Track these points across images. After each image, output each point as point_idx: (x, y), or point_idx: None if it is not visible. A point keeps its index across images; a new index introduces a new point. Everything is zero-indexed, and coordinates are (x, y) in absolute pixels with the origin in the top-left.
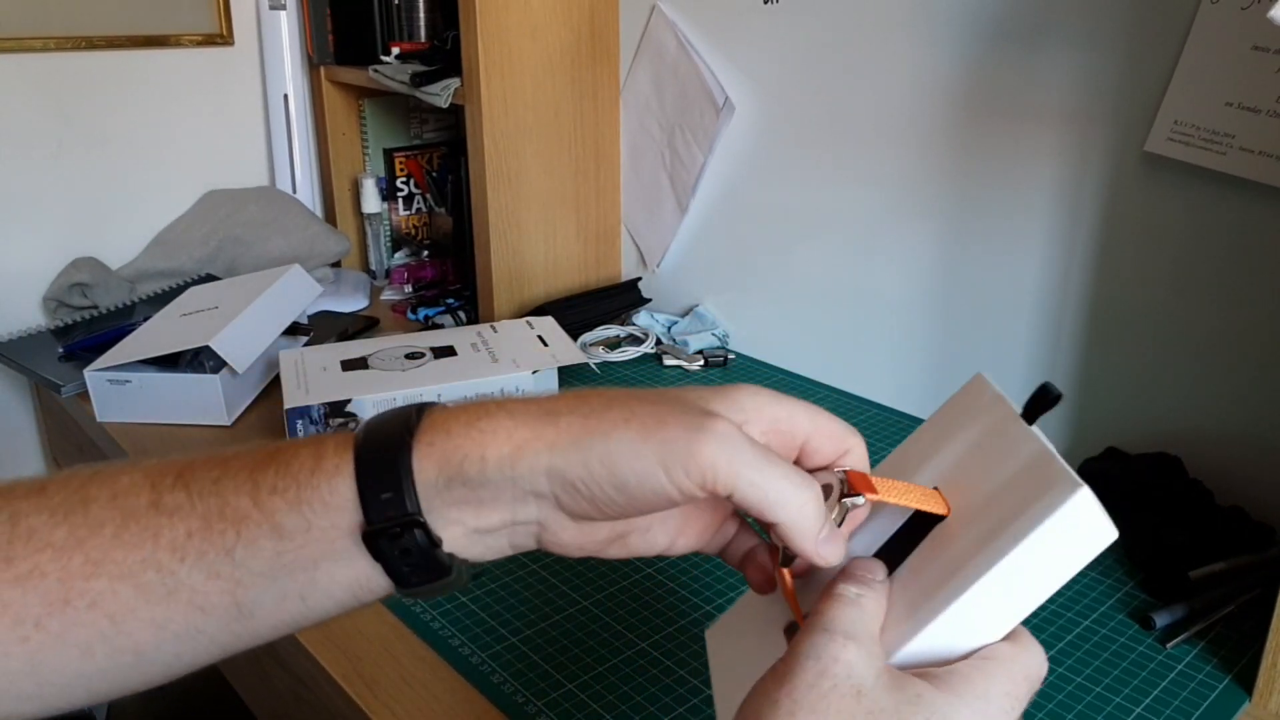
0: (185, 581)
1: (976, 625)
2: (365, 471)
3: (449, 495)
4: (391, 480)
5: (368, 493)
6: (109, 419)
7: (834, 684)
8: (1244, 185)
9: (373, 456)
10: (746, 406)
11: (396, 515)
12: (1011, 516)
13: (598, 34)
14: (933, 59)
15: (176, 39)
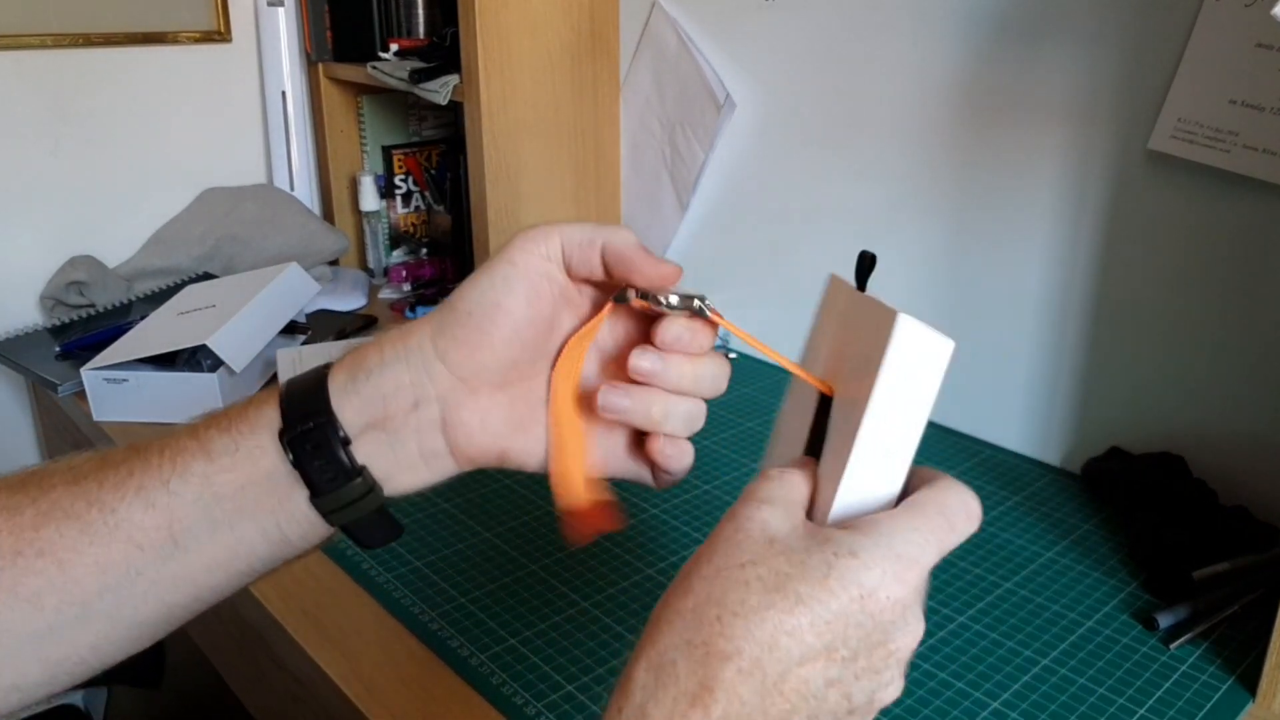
0: (126, 518)
1: (883, 471)
2: (288, 390)
3: (357, 396)
4: (309, 392)
5: (288, 405)
6: (106, 418)
7: (747, 535)
8: (1248, 183)
9: (295, 384)
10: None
11: (310, 415)
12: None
13: (598, 31)
14: (935, 56)
15: (174, 36)
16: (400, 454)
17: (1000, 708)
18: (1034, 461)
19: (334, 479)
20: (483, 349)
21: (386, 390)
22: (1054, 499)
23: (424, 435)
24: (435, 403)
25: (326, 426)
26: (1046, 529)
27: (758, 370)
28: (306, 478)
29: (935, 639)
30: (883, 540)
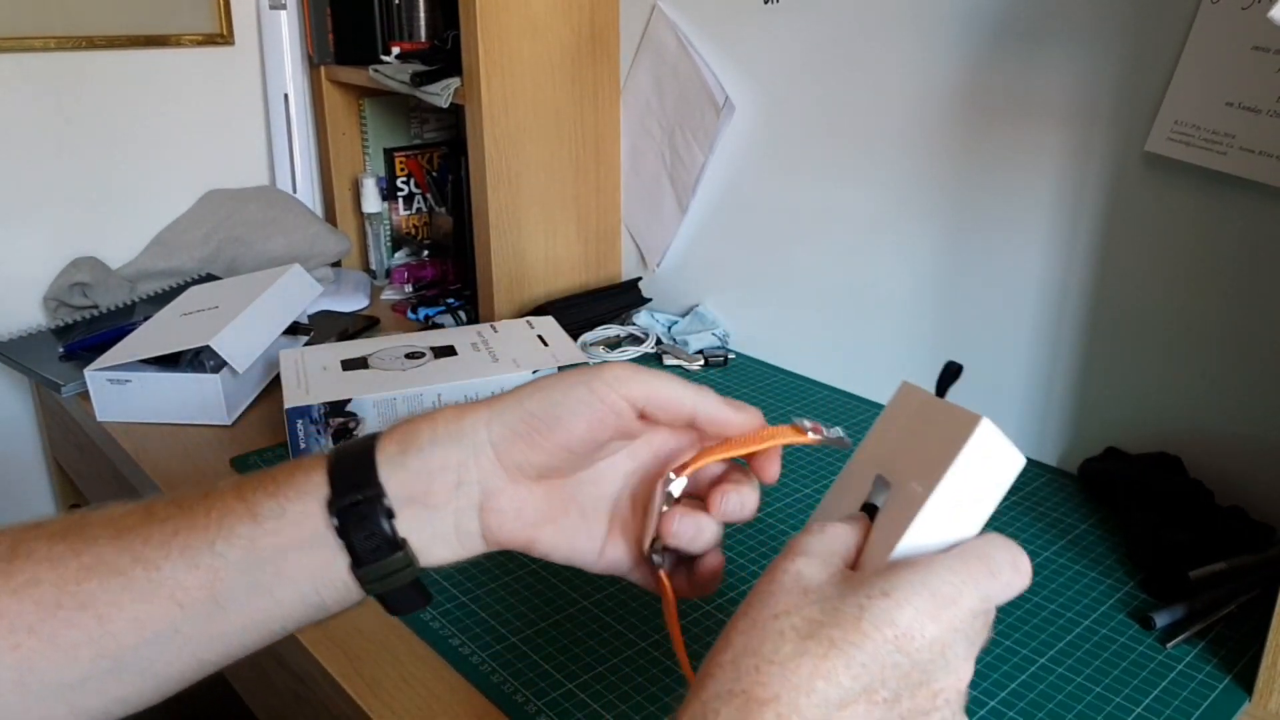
0: (170, 576)
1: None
2: (337, 459)
3: (405, 470)
4: (358, 462)
5: (337, 474)
6: (109, 419)
7: (780, 585)
8: (1245, 185)
9: (345, 450)
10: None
11: (358, 488)
12: (937, 459)
13: (598, 34)
14: (933, 59)
15: (177, 39)
16: (437, 529)
17: (998, 706)
18: (1031, 461)
19: (377, 550)
20: (534, 449)
21: (434, 467)
22: (1051, 499)
23: (462, 515)
24: (477, 486)
25: (375, 499)
26: (1043, 529)
27: (758, 371)
28: (350, 547)
29: None
30: (918, 579)
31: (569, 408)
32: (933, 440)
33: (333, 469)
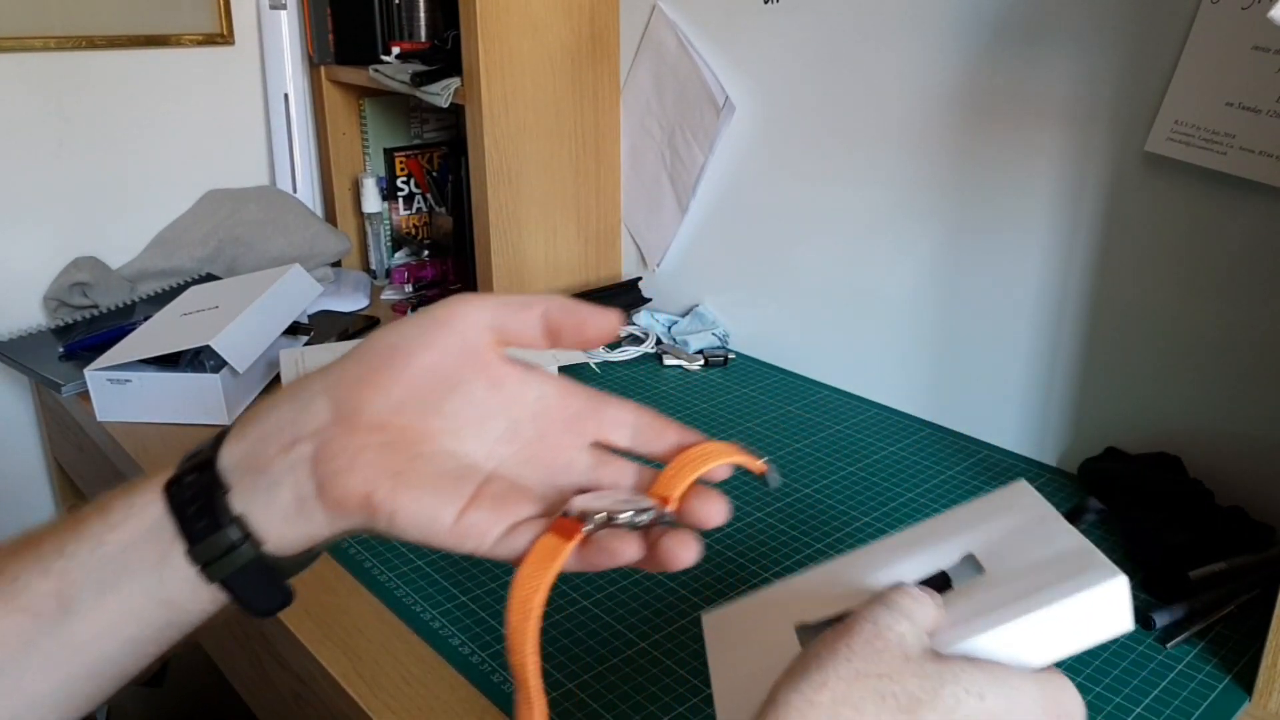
0: (25, 585)
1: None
2: (192, 450)
3: (243, 439)
4: (205, 443)
5: (186, 456)
6: (109, 418)
7: (886, 644)
8: (1244, 185)
9: (193, 448)
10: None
11: (199, 464)
12: (1059, 579)
13: (598, 34)
14: (933, 59)
15: (177, 38)
16: (275, 500)
17: None
18: (1031, 461)
19: (207, 527)
20: (367, 385)
21: (269, 429)
22: (1051, 499)
23: (296, 475)
24: (310, 440)
25: (208, 473)
26: None
27: (758, 371)
28: (181, 527)
29: None
30: (1006, 692)
31: (409, 338)
32: (1051, 559)
33: (187, 454)
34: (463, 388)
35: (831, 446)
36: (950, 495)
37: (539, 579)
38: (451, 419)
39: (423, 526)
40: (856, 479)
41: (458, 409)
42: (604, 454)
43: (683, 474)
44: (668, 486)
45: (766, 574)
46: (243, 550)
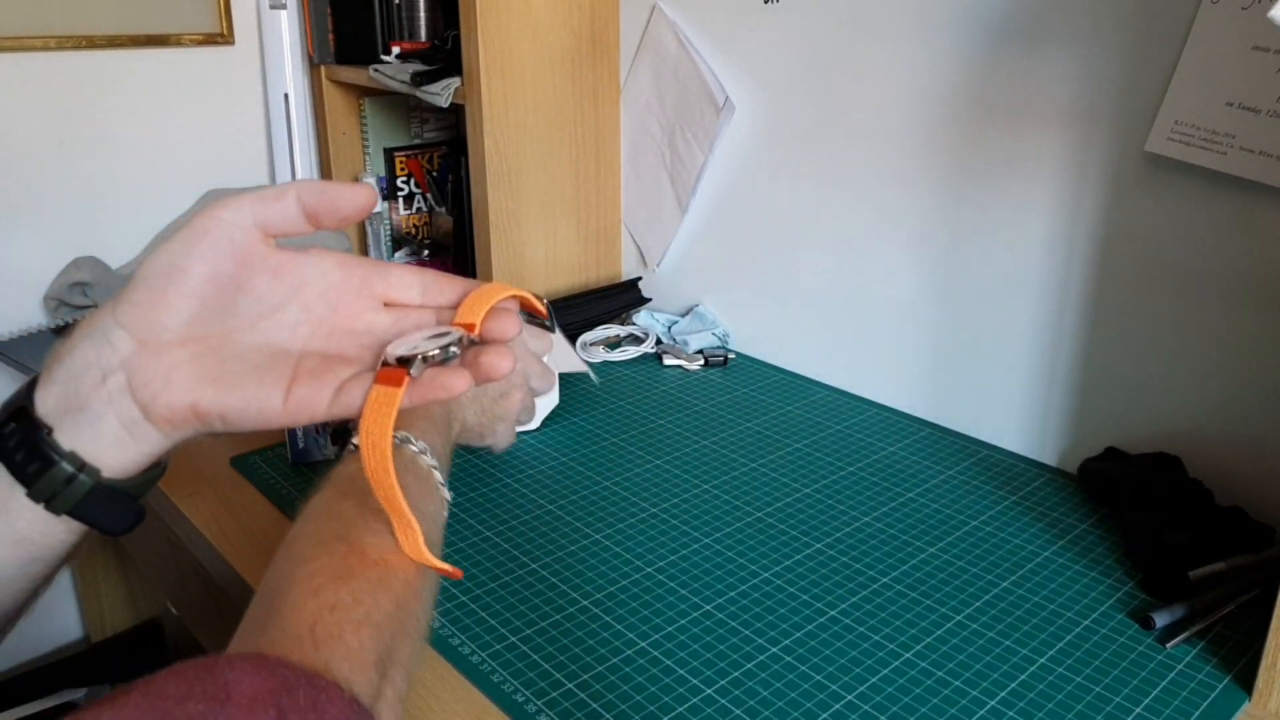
0: None
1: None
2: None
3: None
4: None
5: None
6: None
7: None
8: (1244, 185)
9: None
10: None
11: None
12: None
13: (598, 34)
14: (933, 59)
15: (177, 38)
16: (102, 430)
17: (997, 706)
18: (1031, 461)
19: (40, 468)
20: (157, 308)
21: (76, 369)
22: (1051, 499)
23: (117, 405)
24: (120, 370)
25: (23, 418)
26: (1043, 528)
27: (758, 371)
28: (14, 472)
29: (932, 638)
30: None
31: (179, 252)
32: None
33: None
34: (247, 286)
35: (831, 446)
36: (950, 495)
37: (382, 426)
38: (246, 316)
39: (254, 416)
40: (856, 479)
41: (249, 306)
42: (400, 309)
43: (477, 305)
44: (467, 316)
45: (767, 573)
46: (81, 480)
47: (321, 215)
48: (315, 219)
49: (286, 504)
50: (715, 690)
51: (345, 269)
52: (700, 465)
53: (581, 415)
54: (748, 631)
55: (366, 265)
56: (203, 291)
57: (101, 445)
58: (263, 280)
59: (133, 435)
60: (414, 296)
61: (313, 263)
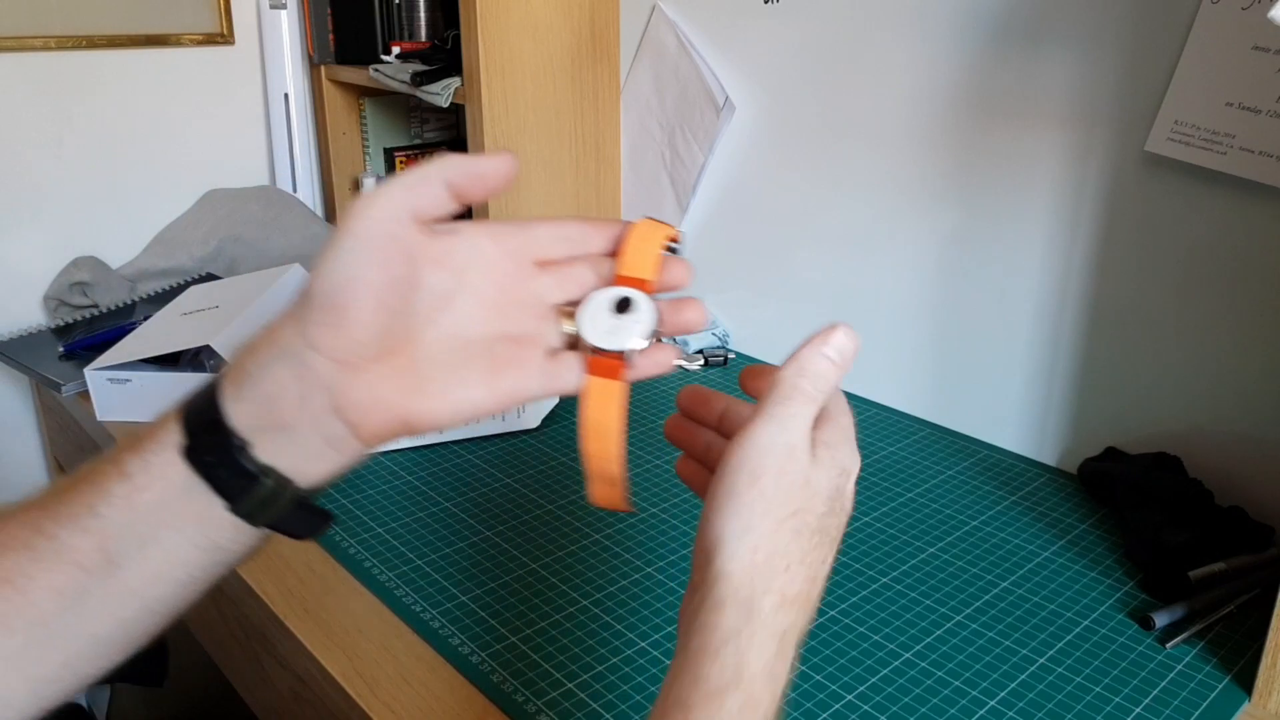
0: (65, 542)
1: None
2: (186, 406)
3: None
4: (203, 404)
5: (186, 420)
6: (109, 418)
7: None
8: (1244, 185)
9: (193, 396)
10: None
11: (206, 427)
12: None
13: (598, 34)
14: (933, 59)
15: (177, 38)
16: (304, 447)
17: (997, 706)
18: (1030, 461)
19: (242, 485)
20: (348, 327)
21: (270, 391)
22: (1051, 499)
23: (321, 424)
24: (321, 392)
25: (224, 436)
26: (1043, 529)
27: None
28: (216, 488)
29: (932, 638)
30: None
31: (349, 265)
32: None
33: (184, 415)
34: (419, 282)
35: None
36: (950, 495)
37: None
38: (426, 314)
39: (466, 416)
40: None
41: (426, 302)
42: (558, 268)
43: (640, 254)
44: (636, 268)
45: None
46: (282, 496)
47: (469, 191)
48: (463, 196)
49: None
50: None
51: (497, 241)
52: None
53: None
54: None
55: (513, 232)
56: (387, 300)
57: (303, 461)
58: (430, 272)
59: (337, 450)
60: (565, 250)
61: (467, 242)
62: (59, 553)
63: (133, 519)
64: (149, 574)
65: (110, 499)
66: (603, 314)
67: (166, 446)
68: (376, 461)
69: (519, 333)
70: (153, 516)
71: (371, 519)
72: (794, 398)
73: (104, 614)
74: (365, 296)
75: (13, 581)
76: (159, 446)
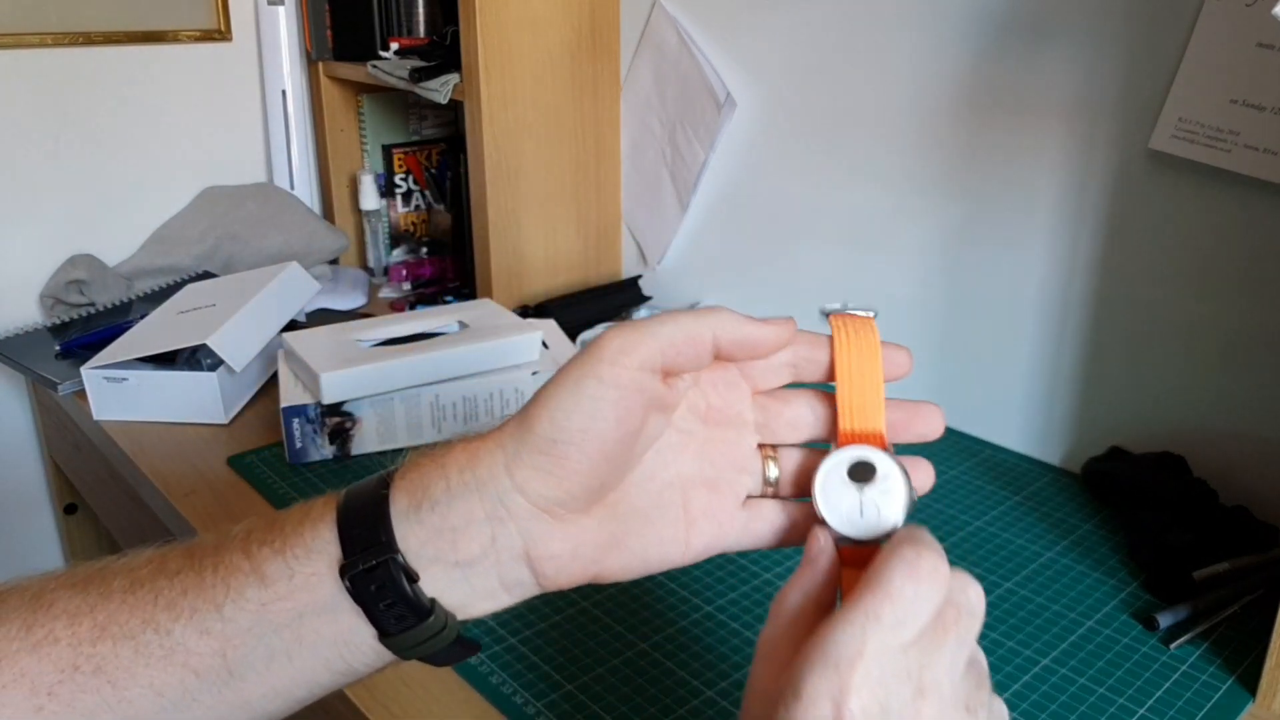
0: (180, 642)
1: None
2: (345, 513)
3: (422, 526)
4: (368, 517)
5: (346, 531)
6: (106, 417)
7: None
8: (1248, 183)
9: (354, 500)
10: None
11: (370, 546)
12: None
13: (598, 29)
14: (936, 55)
15: (174, 35)
16: (476, 585)
17: None
18: (1034, 461)
19: (402, 619)
20: (569, 479)
21: (457, 523)
22: (1054, 499)
23: (504, 568)
24: (517, 537)
25: (390, 563)
26: (1047, 529)
27: None
28: (372, 618)
29: None
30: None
31: (586, 413)
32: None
33: (342, 525)
34: (648, 431)
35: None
36: (953, 495)
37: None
38: (636, 462)
39: (655, 568)
40: None
41: (638, 450)
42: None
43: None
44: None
45: (768, 573)
46: (442, 635)
47: (735, 355)
48: (726, 358)
49: (283, 504)
50: (715, 691)
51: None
52: None
53: None
54: (748, 633)
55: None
56: (613, 454)
57: (473, 599)
58: (653, 420)
59: (510, 593)
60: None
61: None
62: (170, 651)
63: (264, 629)
64: (269, 689)
65: (241, 603)
66: (842, 490)
67: (315, 556)
68: (375, 461)
69: (716, 477)
70: (288, 630)
71: None
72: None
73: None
74: (595, 451)
75: (108, 674)
76: (306, 554)
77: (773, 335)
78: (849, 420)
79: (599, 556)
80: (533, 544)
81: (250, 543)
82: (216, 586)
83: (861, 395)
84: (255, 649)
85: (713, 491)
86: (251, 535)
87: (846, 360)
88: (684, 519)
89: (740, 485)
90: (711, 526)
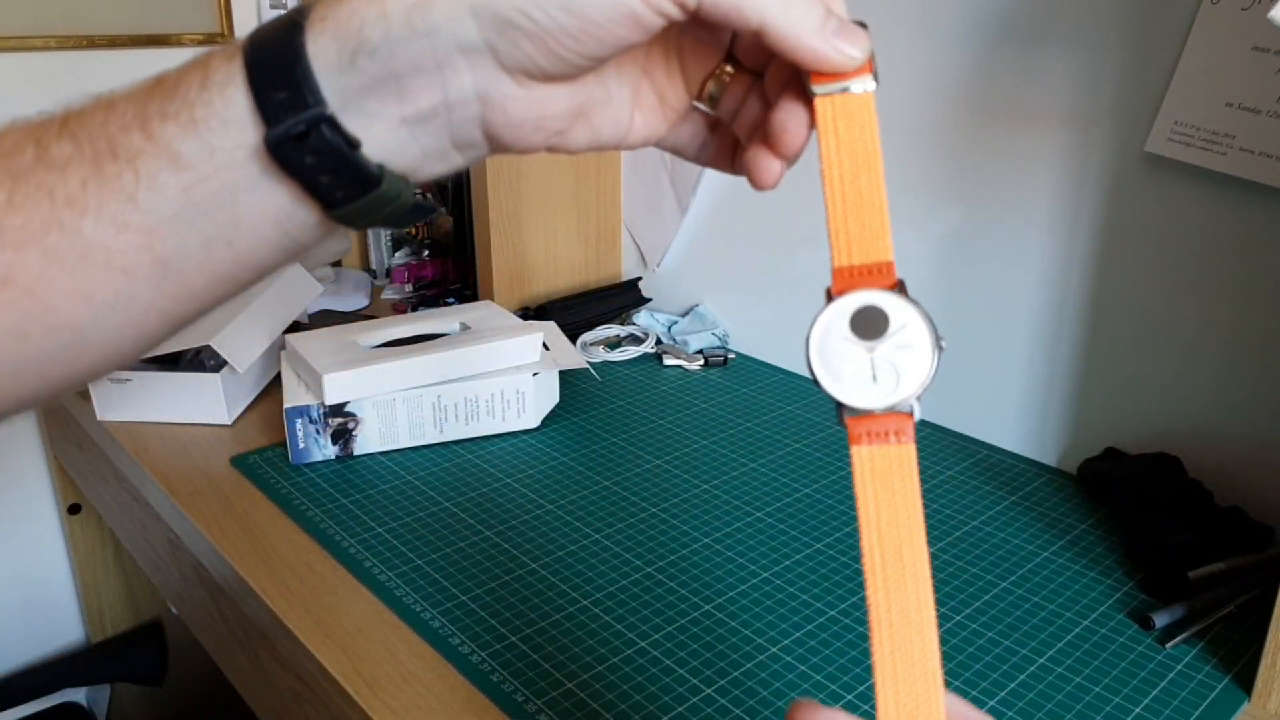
0: (94, 240)
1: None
2: (256, 71)
3: (357, 78)
4: (285, 72)
5: (262, 94)
6: (109, 417)
7: None
8: (1244, 186)
9: (262, 53)
10: None
11: (296, 111)
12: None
13: None
14: (933, 58)
15: (178, 38)
16: (424, 146)
17: (996, 706)
18: (1030, 461)
19: (349, 190)
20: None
21: (400, 70)
22: (1050, 499)
23: (458, 128)
24: (475, 98)
25: (323, 128)
26: (1043, 529)
27: (758, 371)
28: (315, 192)
29: None
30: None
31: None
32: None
33: (256, 88)
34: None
35: (831, 446)
36: (950, 495)
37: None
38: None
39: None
40: None
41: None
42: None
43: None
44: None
45: (767, 573)
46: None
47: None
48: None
49: (287, 504)
50: (715, 690)
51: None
52: (700, 465)
53: (581, 415)
54: (747, 631)
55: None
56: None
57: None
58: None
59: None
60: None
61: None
62: (85, 253)
63: (193, 216)
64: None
65: (160, 189)
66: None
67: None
68: (376, 461)
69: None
70: (221, 214)
71: (371, 519)
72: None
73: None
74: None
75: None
76: (224, 126)
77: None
78: (845, 253)
79: (563, 129)
80: (490, 108)
81: (149, 120)
82: (122, 175)
83: (859, 214)
84: (187, 238)
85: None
86: (148, 111)
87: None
88: (632, 105)
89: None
90: (654, 119)
